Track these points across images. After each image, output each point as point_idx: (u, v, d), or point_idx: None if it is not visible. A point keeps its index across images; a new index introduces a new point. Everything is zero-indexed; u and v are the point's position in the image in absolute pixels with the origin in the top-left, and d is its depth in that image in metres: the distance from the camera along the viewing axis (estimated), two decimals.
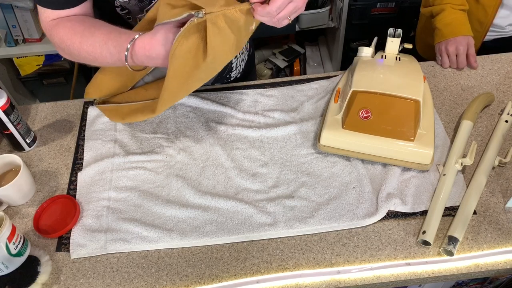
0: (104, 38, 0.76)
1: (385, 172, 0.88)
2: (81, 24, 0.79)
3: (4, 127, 0.90)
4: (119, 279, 0.77)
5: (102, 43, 0.76)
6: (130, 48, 0.73)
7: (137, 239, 0.81)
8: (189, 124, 0.99)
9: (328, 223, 0.81)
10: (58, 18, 0.80)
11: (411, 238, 0.80)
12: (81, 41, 0.77)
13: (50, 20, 0.81)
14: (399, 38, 0.97)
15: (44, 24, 0.82)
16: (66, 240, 0.82)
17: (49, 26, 0.81)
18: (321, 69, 2.25)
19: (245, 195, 0.87)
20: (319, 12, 1.94)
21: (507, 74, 1.08)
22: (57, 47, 0.82)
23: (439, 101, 1.02)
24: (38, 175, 0.93)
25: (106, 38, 0.76)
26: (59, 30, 0.80)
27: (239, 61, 1.07)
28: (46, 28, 0.82)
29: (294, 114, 1.01)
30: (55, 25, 0.80)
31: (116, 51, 0.76)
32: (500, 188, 0.86)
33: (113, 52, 0.76)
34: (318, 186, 0.87)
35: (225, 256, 0.79)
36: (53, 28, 0.80)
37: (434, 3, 1.16)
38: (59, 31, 0.79)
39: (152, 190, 0.88)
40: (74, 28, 0.78)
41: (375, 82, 0.89)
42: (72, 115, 1.05)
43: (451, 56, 1.09)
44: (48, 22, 0.81)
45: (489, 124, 0.97)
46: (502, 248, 0.78)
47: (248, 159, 0.93)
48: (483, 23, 1.19)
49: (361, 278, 0.75)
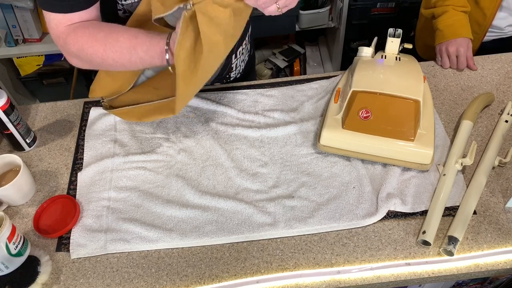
0: (132, 43, 0.73)
1: (385, 172, 0.88)
2: (101, 30, 0.75)
3: (4, 127, 0.90)
4: (119, 279, 0.77)
5: (131, 48, 0.73)
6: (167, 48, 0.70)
7: (137, 239, 0.81)
8: (189, 124, 0.99)
9: (328, 223, 0.81)
10: (72, 24, 0.76)
11: (411, 238, 0.80)
12: (105, 49, 0.74)
13: (64, 27, 0.76)
14: (399, 38, 0.97)
15: (56, 32, 0.77)
16: (66, 240, 0.82)
17: (63, 34, 0.76)
18: (321, 69, 2.25)
19: (245, 195, 0.87)
20: (319, 12, 1.94)
21: (507, 74, 1.08)
22: (72, 55, 0.78)
23: (439, 101, 1.02)
24: (38, 175, 0.93)
25: (134, 43, 0.73)
26: (77, 38, 0.75)
27: (239, 61, 1.07)
28: (58, 36, 0.77)
29: (294, 114, 1.01)
30: (71, 32, 0.76)
31: (148, 56, 0.73)
32: (500, 188, 0.86)
33: (144, 57, 0.73)
34: (318, 186, 0.87)
35: (225, 256, 0.79)
36: (68, 36, 0.76)
37: (436, 4, 1.16)
38: (78, 40, 0.75)
39: (152, 190, 0.88)
40: (95, 35, 0.75)
41: (375, 82, 0.89)
42: (72, 115, 1.05)
43: (451, 57, 1.09)
44: (61, 29, 0.76)
45: (489, 124, 0.97)
46: (502, 248, 0.78)
47: (248, 159, 0.93)
48: (482, 25, 1.19)
49: (361, 278, 0.75)
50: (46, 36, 1.91)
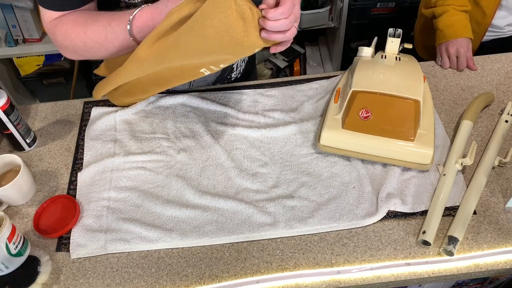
0: (108, 20, 0.72)
1: (385, 172, 0.88)
2: (83, 15, 0.76)
3: (4, 127, 0.90)
4: (119, 279, 0.77)
5: (106, 25, 0.72)
6: (132, 19, 0.69)
7: (137, 239, 0.81)
8: (189, 124, 0.99)
9: (328, 223, 0.81)
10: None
11: (411, 238, 0.80)
12: (85, 30, 0.74)
13: (52, 20, 0.79)
14: (399, 38, 0.97)
15: (46, 24, 0.80)
16: (66, 240, 0.82)
17: (51, 25, 0.79)
18: (321, 69, 2.25)
19: (245, 195, 0.87)
20: (319, 12, 1.94)
21: (507, 74, 1.08)
22: (60, 45, 0.80)
23: (439, 101, 1.02)
24: (38, 175, 0.93)
25: (110, 19, 0.72)
26: (61, 26, 0.77)
27: (239, 61, 1.07)
28: (48, 28, 0.80)
29: (294, 114, 1.01)
30: (57, 23, 0.78)
31: (120, 30, 0.71)
32: (500, 188, 0.86)
33: (117, 32, 0.71)
34: (318, 186, 0.87)
35: (225, 256, 0.79)
36: (55, 27, 0.78)
37: (436, 4, 1.16)
38: (62, 27, 0.76)
39: (152, 190, 0.88)
40: (77, 20, 0.75)
41: (375, 82, 0.89)
42: (72, 115, 1.05)
43: (451, 57, 1.09)
44: (50, 22, 0.79)
45: (489, 124, 0.97)
46: (502, 248, 0.78)
47: (248, 159, 0.93)
48: (481, 24, 1.19)
49: (361, 278, 0.75)
50: (46, 36, 1.91)
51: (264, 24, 0.66)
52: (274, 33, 0.66)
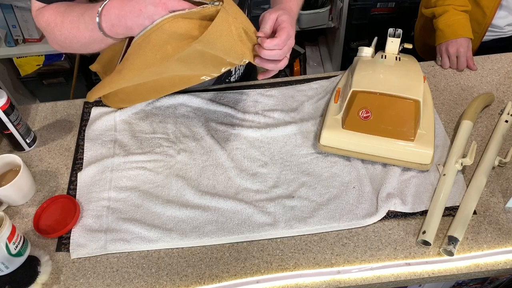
0: (82, 10, 0.70)
1: (385, 172, 0.88)
2: (64, 4, 0.74)
3: (4, 127, 0.90)
4: (119, 279, 0.77)
5: (79, 15, 0.70)
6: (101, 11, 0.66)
7: (137, 239, 0.81)
8: (189, 124, 0.99)
9: (328, 223, 0.81)
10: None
11: (411, 238, 0.80)
12: (63, 19, 0.72)
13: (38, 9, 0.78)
14: (399, 38, 0.97)
15: (33, 13, 0.79)
16: (66, 240, 0.82)
17: (37, 13, 0.78)
18: (321, 69, 2.25)
19: (245, 195, 0.87)
20: (319, 12, 1.94)
21: (507, 74, 1.08)
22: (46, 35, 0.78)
23: (439, 101, 1.02)
24: (38, 175, 0.93)
25: (84, 9, 0.69)
26: (44, 13, 0.75)
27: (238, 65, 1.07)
28: (34, 16, 0.79)
29: (294, 114, 1.01)
30: (41, 11, 0.77)
31: (90, 21, 0.68)
32: (500, 188, 0.86)
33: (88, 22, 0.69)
34: (318, 186, 0.87)
35: (225, 256, 0.79)
36: (39, 14, 0.77)
37: (436, 4, 1.16)
38: (44, 15, 0.75)
39: (152, 190, 0.88)
40: (58, 8, 0.74)
41: (375, 82, 0.89)
42: (72, 115, 1.05)
43: (451, 57, 1.09)
44: (36, 11, 0.78)
45: (489, 124, 0.97)
46: (502, 248, 0.78)
47: (248, 159, 0.93)
48: (481, 24, 1.19)
49: (361, 278, 0.75)
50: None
51: (259, 52, 0.69)
52: (267, 61, 0.71)
